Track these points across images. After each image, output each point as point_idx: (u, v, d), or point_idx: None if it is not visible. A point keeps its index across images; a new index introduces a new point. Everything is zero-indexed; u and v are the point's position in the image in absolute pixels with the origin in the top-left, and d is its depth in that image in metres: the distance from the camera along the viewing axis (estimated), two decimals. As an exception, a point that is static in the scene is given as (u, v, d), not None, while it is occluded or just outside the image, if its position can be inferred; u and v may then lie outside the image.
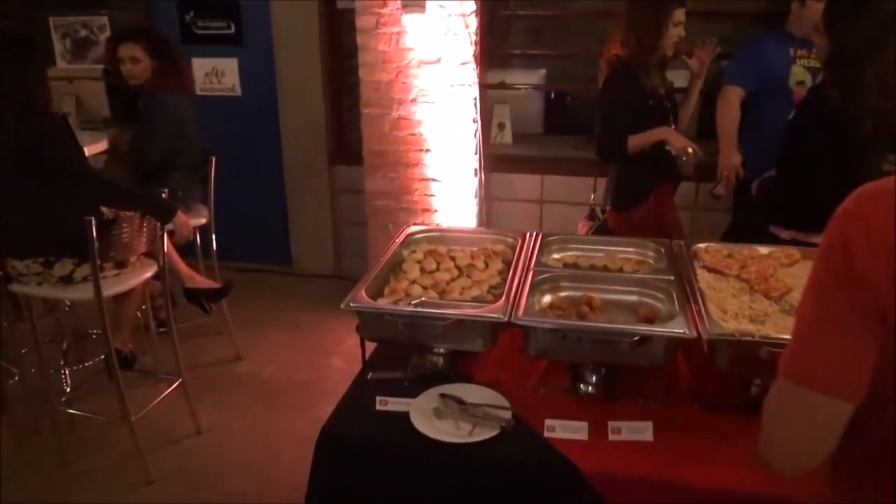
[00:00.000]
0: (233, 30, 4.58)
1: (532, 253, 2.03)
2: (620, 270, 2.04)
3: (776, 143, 3.20)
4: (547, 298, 1.85)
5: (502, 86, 4.60)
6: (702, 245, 2.06)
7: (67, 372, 3.37)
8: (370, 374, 1.86)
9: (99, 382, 3.30)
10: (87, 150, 3.61)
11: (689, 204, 4.05)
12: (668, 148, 2.72)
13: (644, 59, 2.74)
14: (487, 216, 4.34)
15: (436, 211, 4.05)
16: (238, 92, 4.70)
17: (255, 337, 4.02)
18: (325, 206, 4.75)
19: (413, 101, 3.86)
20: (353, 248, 4.74)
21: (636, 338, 1.54)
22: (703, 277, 1.85)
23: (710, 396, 1.66)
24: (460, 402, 1.67)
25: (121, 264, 2.77)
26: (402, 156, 3.99)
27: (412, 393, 1.73)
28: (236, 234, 4.76)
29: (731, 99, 3.23)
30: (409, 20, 3.70)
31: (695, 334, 1.54)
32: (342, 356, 3.80)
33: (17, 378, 3.16)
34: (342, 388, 1.89)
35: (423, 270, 2.02)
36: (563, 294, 1.87)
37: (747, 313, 1.67)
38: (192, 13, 4.60)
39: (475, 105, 3.87)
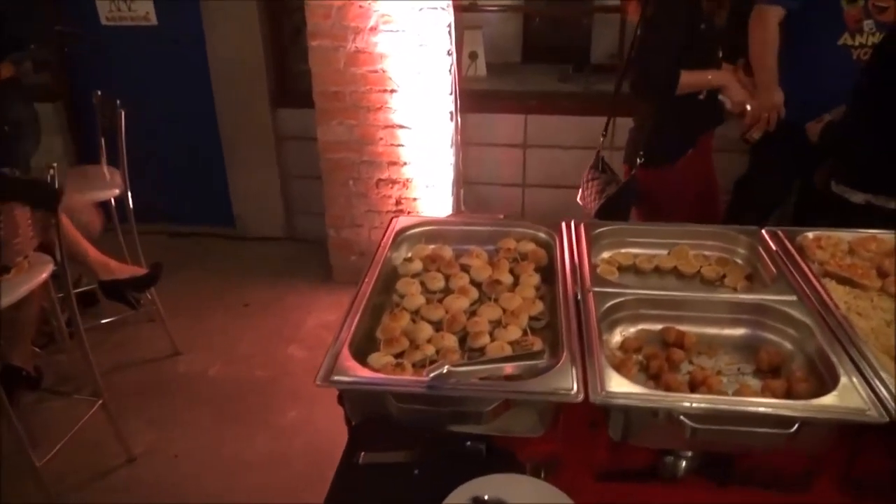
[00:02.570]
0: (139, -59, 3.69)
1: (580, 256, 1.43)
2: (698, 275, 1.47)
3: (823, 76, 2.67)
4: (616, 337, 1.26)
5: (474, 7, 3.88)
6: (808, 234, 1.50)
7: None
8: (362, 454, 1.26)
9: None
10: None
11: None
12: (721, 98, 2.13)
13: None
14: (464, 166, 3.70)
15: (405, 164, 3.38)
16: (153, 20, 3.84)
17: (196, 323, 3.35)
18: (270, 157, 4.02)
19: (373, 29, 3.13)
20: (306, 204, 4.06)
21: (796, 426, 0.98)
22: (838, 295, 1.29)
23: (873, 485, 1.13)
24: (507, 510, 1.10)
25: (2, 269, 2.07)
26: (362, 98, 3.28)
27: (430, 490, 1.14)
28: (166, 193, 4.04)
29: (770, 22, 2.61)
30: (365, -75, 2.94)
31: (885, 417, 0.98)
32: (303, 343, 3.19)
33: None
34: (306, 387, 1.31)
35: (426, 290, 1.40)
36: (637, 328, 1.29)
37: (925, 359, 1.13)
38: (85, -81, 3.68)
39: (450, 33, 3.17)
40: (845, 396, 1.02)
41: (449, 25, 3.14)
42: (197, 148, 4.07)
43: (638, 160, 2.28)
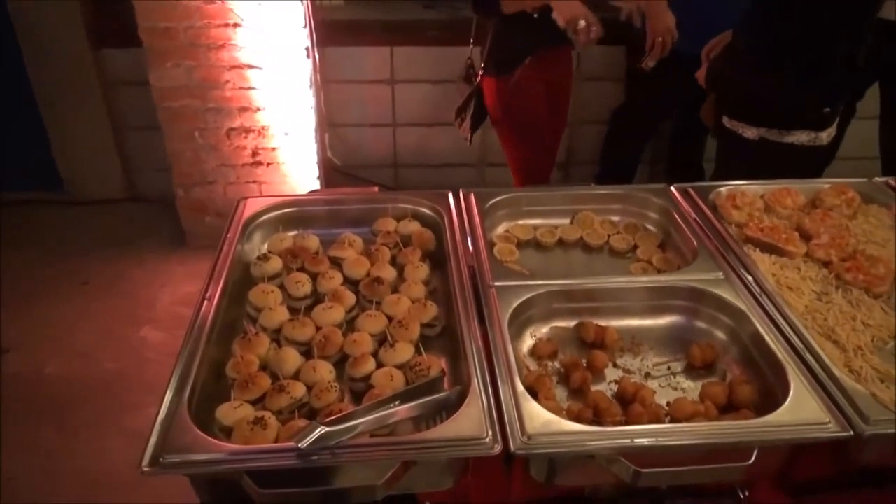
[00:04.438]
0: None
1: (474, 238, 1.19)
2: (607, 246, 1.28)
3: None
4: (527, 341, 1.05)
5: (324, -77, 3.42)
6: (722, 190, 1.34)
7: None
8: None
9: None
10: None
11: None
12: (553, 17, 2.04)
13: None
14: (327, 107, 3.33)
15: (259, 109, 2.97)
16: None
17: (23, 312, 2.83)
18: (98, 106, 3.43)
19: (204, -50, 2.63)
20: (149, 158, 3.52)
21: (752, 458, 0.81)
22: (764, 266, 1.13)
23: (812, 486, 1.00)
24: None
25: None
26: (200, 34, 2.80)
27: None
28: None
29: None
30: None
31: (848, 430, 0.83)
32: (158, 324, 2.79)
33: None
34: (166, 376, 0.99)
35: (289, 297, 1.12)
36: (550, 325, 1.08)
37: (867, 340, 1.00)
38: None
39: (298, -46, 2.73)
40: (800, 406, 0.86)
41: (295, -54, 2.71)
42: (7, 103, 3.39)
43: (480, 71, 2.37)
